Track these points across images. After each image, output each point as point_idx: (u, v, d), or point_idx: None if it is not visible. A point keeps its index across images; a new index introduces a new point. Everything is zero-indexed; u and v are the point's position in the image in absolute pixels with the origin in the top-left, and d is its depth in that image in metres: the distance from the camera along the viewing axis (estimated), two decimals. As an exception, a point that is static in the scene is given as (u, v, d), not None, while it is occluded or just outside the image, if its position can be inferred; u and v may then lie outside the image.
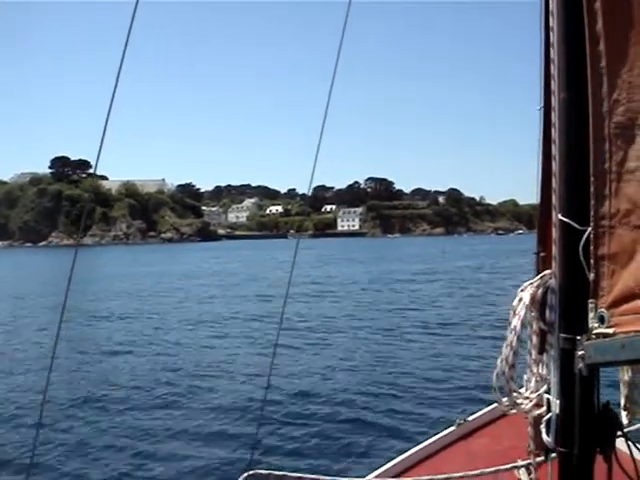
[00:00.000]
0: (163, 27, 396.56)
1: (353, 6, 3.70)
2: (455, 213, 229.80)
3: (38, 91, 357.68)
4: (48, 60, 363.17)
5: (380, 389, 14.28)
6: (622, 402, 2.48)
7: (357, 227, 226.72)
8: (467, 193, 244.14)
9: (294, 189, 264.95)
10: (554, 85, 2.32)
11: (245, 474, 3.56)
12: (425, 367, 16.51)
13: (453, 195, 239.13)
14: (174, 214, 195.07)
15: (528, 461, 3.20)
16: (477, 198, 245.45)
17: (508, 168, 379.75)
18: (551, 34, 2.34)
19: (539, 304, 2.42)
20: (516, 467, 3.51)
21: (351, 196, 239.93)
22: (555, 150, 2.32)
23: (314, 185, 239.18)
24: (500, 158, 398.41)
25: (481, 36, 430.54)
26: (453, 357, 17.77)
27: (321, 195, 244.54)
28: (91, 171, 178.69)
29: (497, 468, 3.52)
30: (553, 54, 2.32)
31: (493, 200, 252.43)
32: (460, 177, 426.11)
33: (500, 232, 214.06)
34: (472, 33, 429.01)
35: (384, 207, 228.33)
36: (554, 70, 2.31)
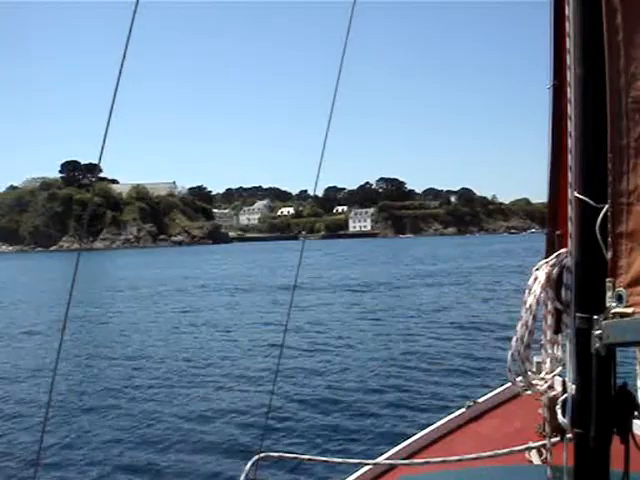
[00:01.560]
0: (173, 28, 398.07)
1: (361, 4, 3.66)
2: (467, 212, 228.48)
3: (47, 95, 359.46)
4: (57, 63, 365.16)
5: (390, 374, 14.44)
6: (639, 383, 2.46)
7: (369, 228, 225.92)
8: (479, 192, 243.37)
9: (305, 190, 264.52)
10: (570, 60, 2.27)
11: (256, 457, 3.54)
12: (434, 353, 16.69)
13: (465, 194, 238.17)
14: (185, 217, 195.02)
15: (542, 442, 3.22)
16: (489, 197, 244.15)
17: (520, 167, 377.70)
18: (566, 7, 2.29)
19: (555, 283, 2.38)
20: (529, 449, 3.53)
21: (362, 197, 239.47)
22: (571, 126, 2.27)
23: (326, 186, 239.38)
24: (512, 157, 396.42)
25: (494, 34, 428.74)
26: (461, 343, 18.04)
27: (332, 196, 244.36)
28: (102, 175, 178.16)
29: (510, 449, 3.46)
30: (569, 28, 2.27)
31: (505, 199, 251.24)
32: (472, 176, 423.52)
33: (513, 231, 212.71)
34: (485, 32, 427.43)
35: (396, 207, 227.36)
36: (570, 45, 2.27)
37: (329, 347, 18.44)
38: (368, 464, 3.99)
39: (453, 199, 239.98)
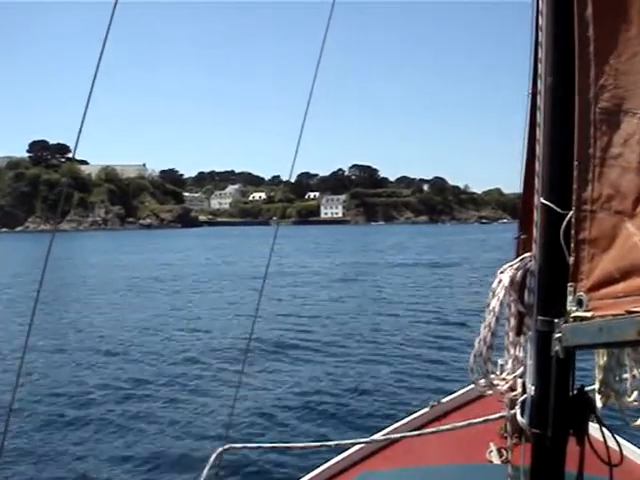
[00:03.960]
0: (145, 10, 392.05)
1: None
2: (439, 201, 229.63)
3: (19, 75, 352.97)
4: (31, 44, 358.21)
5: (353, 371, 14.34)
6: (597, 386, 2.49)
7: (340, 214, 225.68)
8: (452, 181, 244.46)
9: (278, 176, 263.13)
10: (541, 69, 2.32)
11: (220, 449, 3.54)
12: (398, 352, 16.47)
13: (438, 183, 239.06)
14: (154, 200, 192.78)
15: (502, 445, 3.30)
16: (462, 186, 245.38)
17: (494, 157, 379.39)
18: (540, 18, 2.34)
19: (518, 286, 2.45)
20: (490, 449, 3.61)
21: (335, 183, 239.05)
22: (540, 134, 2.32)
23: (298, 172, 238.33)
24: (486, 147, 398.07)
25: (467, 22, 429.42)
26: (425, 343, 17.84)
27: (305, 182, 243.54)
28: (70, 155, 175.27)
29: (471, 449, 3.63)
30: (541, 37, 2.31)
31: (478, 189, 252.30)
32: (445, 165, 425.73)
33: (484, 221, 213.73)
34: (457, 19, 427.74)
35: (368, 195, 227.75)
36: (542, 54, 2.31)
37: (295, 339, 18.48)
38: (329, 446, 3.95)
39: (426, 188, 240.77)
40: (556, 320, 2.18)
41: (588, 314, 2.10)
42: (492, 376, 2.55)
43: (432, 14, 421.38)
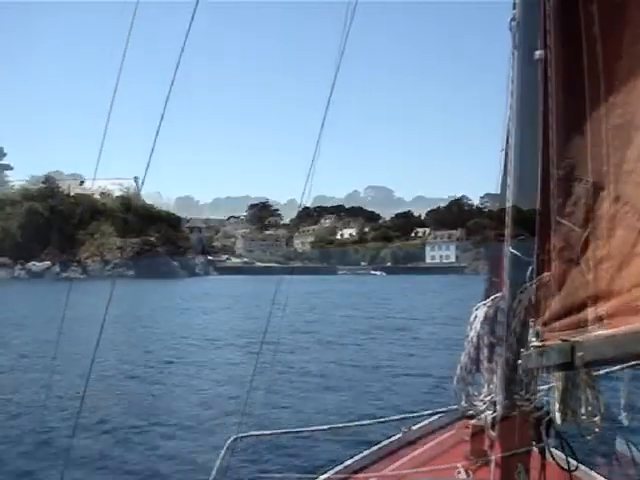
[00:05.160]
0: (167, 30, 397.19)
1: (357, 8, 3.94)
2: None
3: (32, 102, 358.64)
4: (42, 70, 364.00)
5: (329, 394, 14.71)
6: (557, 405, 2.73)
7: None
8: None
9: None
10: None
11: (232, 437, 3.68)
12: (369, 379, 16.92)
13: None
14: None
15: (469, 467, 3.38)
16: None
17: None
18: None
19: (490, 321, 2.88)
20: (456, 469, 3.70)
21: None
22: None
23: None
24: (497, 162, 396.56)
25: (490, 37, 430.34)
26: (399, 368, 18.55)
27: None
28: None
29: (439, 469, 3.69)
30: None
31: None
32: (461, 183, 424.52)
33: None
34: (463, 24, 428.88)
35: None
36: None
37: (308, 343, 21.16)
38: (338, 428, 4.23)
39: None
40: (521, 349, 2.53)
41: (542, 344, 2.44)
42: (472, 398, 2.90)
43: (434, 17, 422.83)
